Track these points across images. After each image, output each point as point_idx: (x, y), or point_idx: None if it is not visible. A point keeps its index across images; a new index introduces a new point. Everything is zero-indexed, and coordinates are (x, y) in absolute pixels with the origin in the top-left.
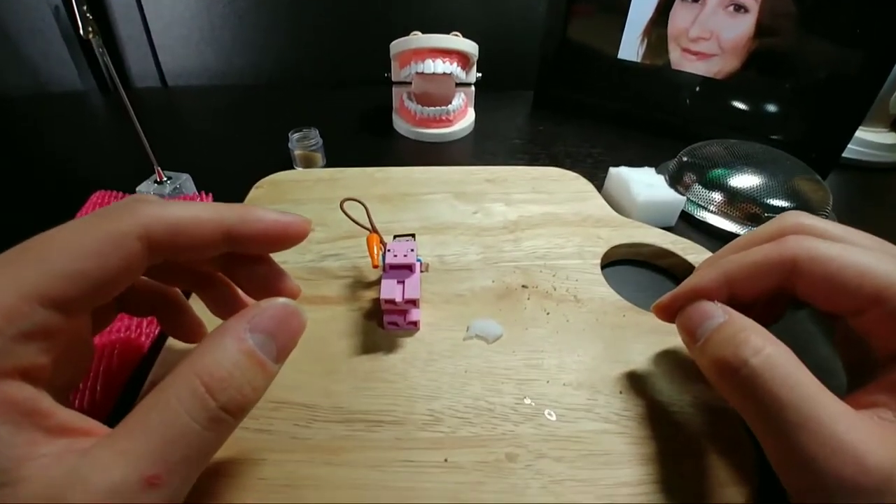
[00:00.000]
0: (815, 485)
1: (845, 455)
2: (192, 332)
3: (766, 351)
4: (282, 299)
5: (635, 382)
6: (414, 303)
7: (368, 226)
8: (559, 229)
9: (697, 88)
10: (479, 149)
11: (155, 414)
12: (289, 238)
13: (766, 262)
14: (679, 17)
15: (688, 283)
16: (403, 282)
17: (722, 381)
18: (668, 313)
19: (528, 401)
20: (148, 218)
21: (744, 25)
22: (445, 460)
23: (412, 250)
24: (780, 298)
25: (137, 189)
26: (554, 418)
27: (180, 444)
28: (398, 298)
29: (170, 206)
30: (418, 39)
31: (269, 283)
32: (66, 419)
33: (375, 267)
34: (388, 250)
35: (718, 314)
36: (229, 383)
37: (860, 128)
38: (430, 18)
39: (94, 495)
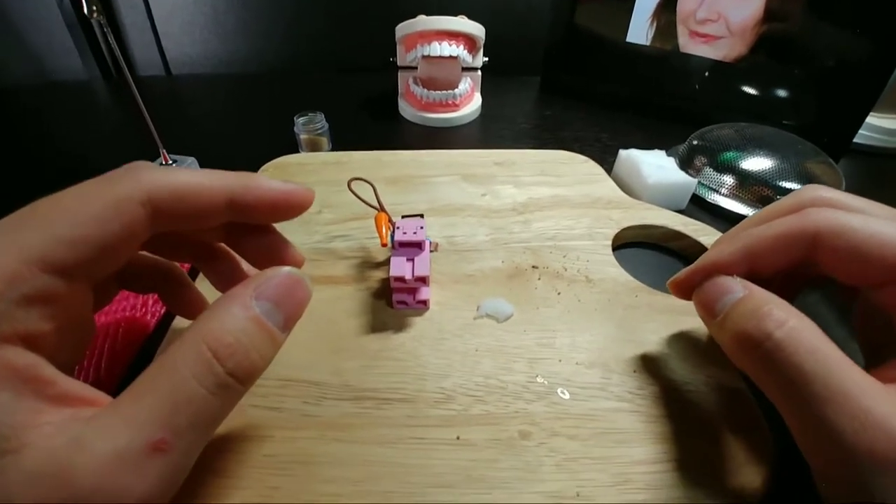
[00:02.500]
0: (843, 460)
1: (876, 429)
2: (194, 307)
3: (790, 323)
4: (286, 268)
5: (649, 362)
6: (424, 280)
7: (376, 205)
8: (569, 211)
9: (707, 73)
10: (486, 133)
11: (161, 379)
12: (291, 207)
13: (787, 235)
14: None
15: (706, 257)
16: (413, 259)
17: (744, 355)
18: (685, 289)
19: (540, 379)
20: (151, 184)
21: (752, 7)
22: (457, 438)
23: (421, 227)
24: (797, 276)
25: None
26: (567, 397)
27: (187, 409)
28: (408, 276)
29: (173, 171)
30: (424, 21)
31: (274, 252)
32: (70, 388)
33: (384, 245)
34: (398, 228)
35: (738, 288)
36: (236, 349)
37: (871, 113)
38: (436, 2)
39: (99, 461)
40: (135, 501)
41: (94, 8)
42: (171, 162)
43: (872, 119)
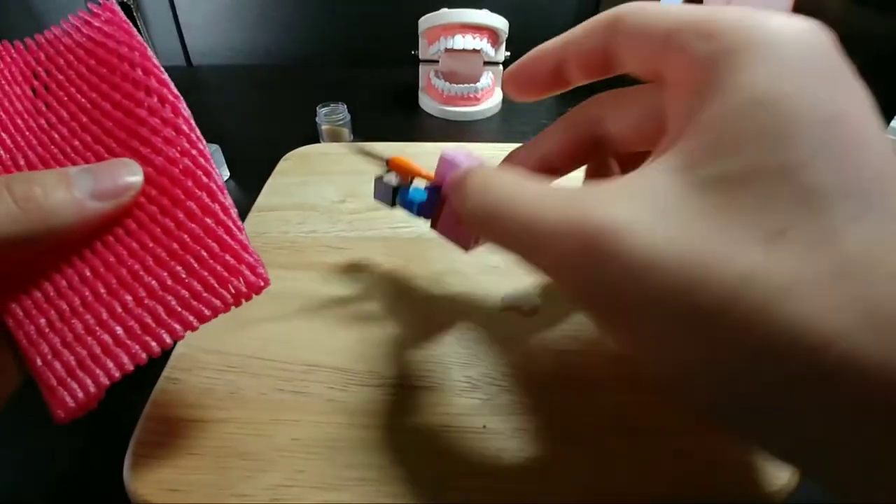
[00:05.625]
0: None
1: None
2: None
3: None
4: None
5: None
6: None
7: (383, 158)
8: None
9: None
10: (507, 128)
11: None
12: None
13: (592, 24)
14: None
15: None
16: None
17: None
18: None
19: (567, 371)
20: None
21: (781, 6)
22: (484, 427)
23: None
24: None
25: None
26: (588, 389)
27: None
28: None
29: None
30: (448, 14)
31: None
32: None
33: (431, 180)
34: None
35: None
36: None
37: None
38: None
39: None
40: None
41: None
42: None
43: None
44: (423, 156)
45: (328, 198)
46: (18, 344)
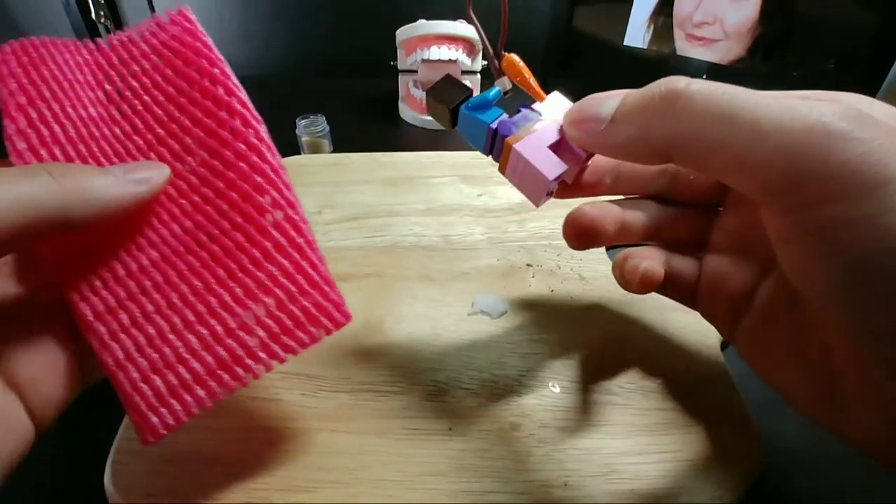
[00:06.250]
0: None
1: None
2: None
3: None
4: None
5: (640, 357)
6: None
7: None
8: (564, 211)
9: (704, 76)
10: None
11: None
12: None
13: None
14: (684, 2)
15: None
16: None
17: (657, 124)
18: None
19: (531, 373)
20: None
21: (747, 10)
22: (450, 429)
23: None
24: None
25: None
26: (557, 390)
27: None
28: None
29: None
30: (424, 26)
31: None
32: None
33: (541, 100)
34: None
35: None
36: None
37: None
38: (437, 7)
39: None
40: None
41: (102, 13)
42: None
43: None
44: (397, 165)
45: (305, 209)
46: (104, 365)
